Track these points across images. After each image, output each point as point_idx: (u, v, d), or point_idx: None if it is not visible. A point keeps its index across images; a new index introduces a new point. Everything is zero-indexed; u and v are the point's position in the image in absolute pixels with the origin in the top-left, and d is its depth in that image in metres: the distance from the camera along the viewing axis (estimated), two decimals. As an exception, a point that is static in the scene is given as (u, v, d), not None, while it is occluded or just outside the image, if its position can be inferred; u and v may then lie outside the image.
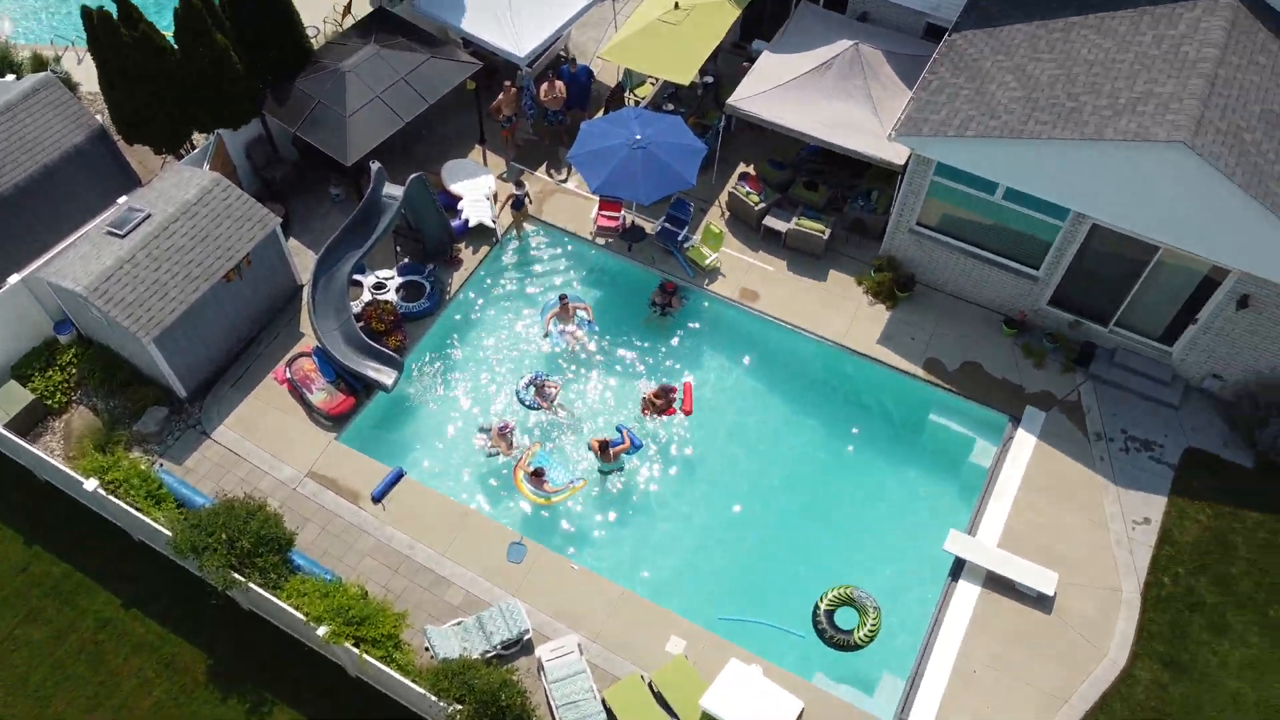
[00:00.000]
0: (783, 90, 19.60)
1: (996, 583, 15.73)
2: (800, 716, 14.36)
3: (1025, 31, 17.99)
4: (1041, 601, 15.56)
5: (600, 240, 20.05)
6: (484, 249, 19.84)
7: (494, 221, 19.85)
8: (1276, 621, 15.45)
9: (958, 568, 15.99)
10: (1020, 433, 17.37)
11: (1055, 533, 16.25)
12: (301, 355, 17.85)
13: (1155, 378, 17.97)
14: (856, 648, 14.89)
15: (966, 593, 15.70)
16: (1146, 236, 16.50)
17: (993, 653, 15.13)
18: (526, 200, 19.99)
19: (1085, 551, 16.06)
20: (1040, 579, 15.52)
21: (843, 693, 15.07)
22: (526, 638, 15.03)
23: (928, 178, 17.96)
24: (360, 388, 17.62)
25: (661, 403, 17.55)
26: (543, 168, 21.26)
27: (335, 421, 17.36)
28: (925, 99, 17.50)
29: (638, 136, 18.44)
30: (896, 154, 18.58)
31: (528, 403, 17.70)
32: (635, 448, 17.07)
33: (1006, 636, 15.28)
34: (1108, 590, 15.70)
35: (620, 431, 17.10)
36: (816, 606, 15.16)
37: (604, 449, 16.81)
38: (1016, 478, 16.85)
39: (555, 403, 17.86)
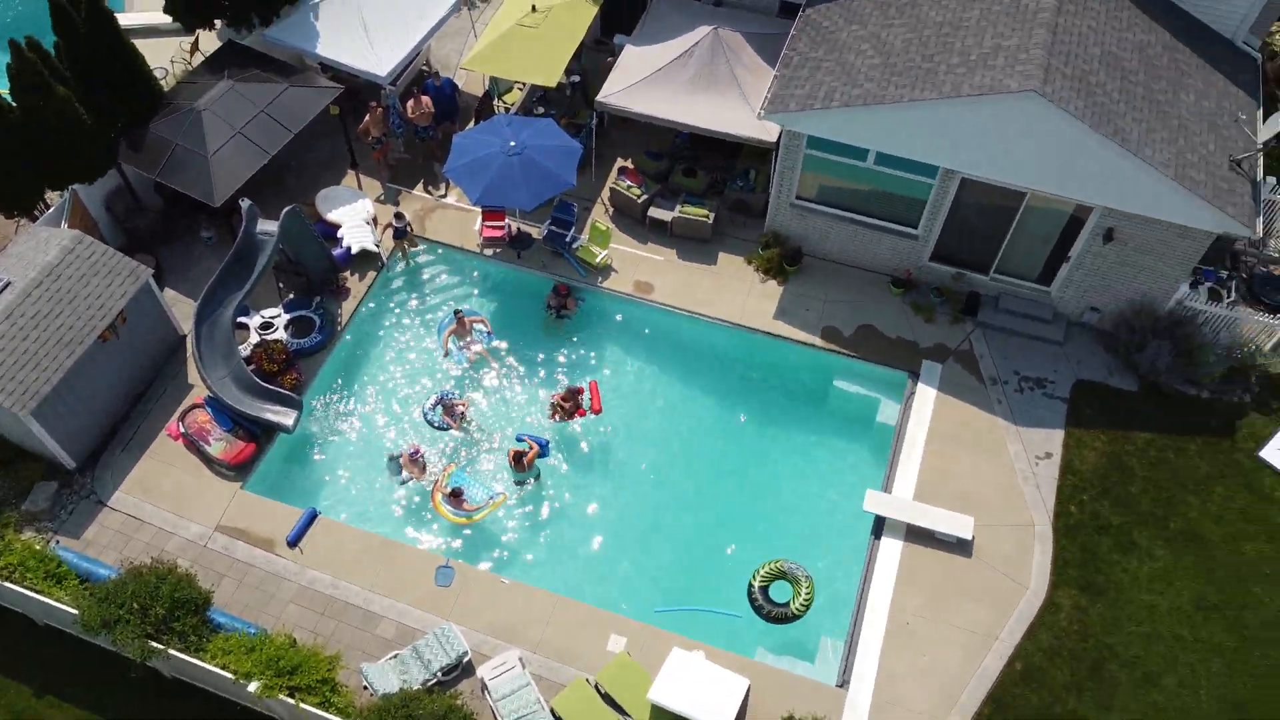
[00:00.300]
0: (650, 82, 19.72)
1: (917, 534, 16.18)
2: (747, 694, 14.54)
3: (876, 0, 18.47)
4: (961, 546, 16.06)
5: (488, 251, 19.88)
6: (371, 274, 19.46)
7: (377, 245, 19.49)
8: (1177, 532, 16.27)
9: (879, 525, 16.39)
10: (921, 387, 17.88)
11: (966, 478, 16.78)
12: (194, 407, 17.24)
13: (1038, 318, 18.71)
14: (794, 618, 15.14)
15: (890, 548, 16.11)
16: (1012, 184, 17.16)
17: (922, 602, 15.57)
18: (409, 229, 19.62)
19: (995, 492, 16.64)
20: (957, 525, 16.02)
21: (786, 664, 15.33)
22: (466, 660, 14.84)
23: (800, 152, 18.32)
24: (260, 432, 17.11)
25: (570, 405, 17.51)
26: (420, 185, 20.95)
27: (238, 470, 16.82)
28: (788, 75, 17.84)
29: (512, 143, 18.33)
30: (768, 132, 18.89)
31: (437, 424, 17.46)
32: (543, 447, 16.97)
33: (933, 585, 15.73)
34: (1021, 526, 16.30)
35: (523, 439, 16.97)
36: (750, 584, 15.35)
37: (517, 460, 16.70)
38: (923, 431, 17.35)
39: (465, 419, 17.66)
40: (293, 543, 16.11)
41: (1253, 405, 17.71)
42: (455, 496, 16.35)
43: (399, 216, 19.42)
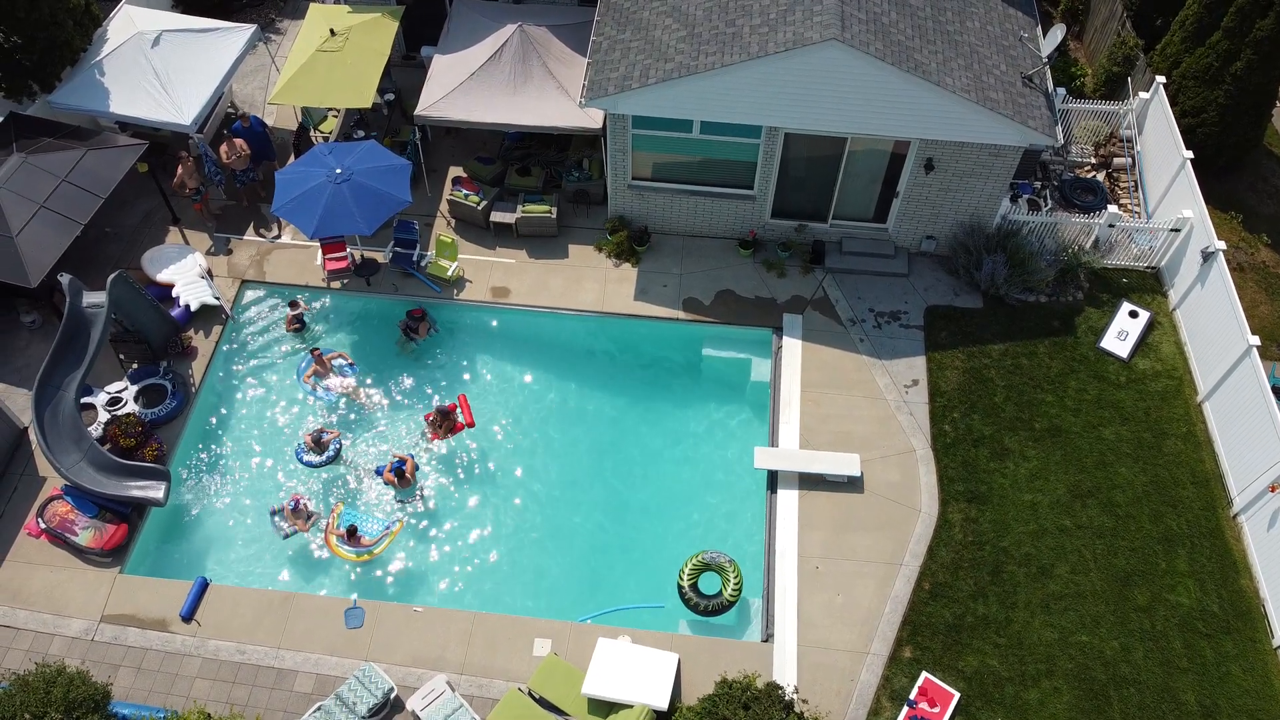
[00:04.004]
0: (465, 88, 19.56)
1: (809, 481, 16.65)
2: (679, 667, 14.71)
3: (671, -25, 18.82)
4: (852, 483, 16.63)
5: (335, 284, 19.35)
6: (216, 329, 18.67)
7: (217, 298, 18.71)
8: (1042, 431, 17.28)
9: (773, 479, 16.80)
10: (786, 340, 18.40)
11: (844, 418, 17.37)
12: (52, 499, 16.21)
13: (881, 254, 19.50)
14: (730, 606, 15.26)
15: (787, 499, 16.53)
16: (831, 131, 17.81)
17: (826, 544, 16.05)
18: (304, 308, 18.85)
19: (874, 426, 17.29)
20: (845, 464, 16.57)
21: (710, 631, 15.54)
22: (393, 695, 14.50)
23: (628, 133, 18.53)
24: (130, 511, 16.24)
25: (446, 423, 17.28)
26: (250, 230, 20.21)
27: (113, 555, 15.93)
28: (601, 60, 18.00)
29: (338, 170, 17.89)
30: (592, 119, 19.04)
31: (317, 462, 16.95)
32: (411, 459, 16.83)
33: (833, 525, 16.24)
34: (903, 453, 17.00)
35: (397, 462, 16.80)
36: (680, 584, 15.40)
37: (399, 475, 16.47)
38: (796, 381, 17.85)
39: (340, 449, 17.18)
40: (187, 617, 15.38)
41: (1086, 301, 18.95)
42: (351, 535, 15.92)
43: (294, 304, 18.66)
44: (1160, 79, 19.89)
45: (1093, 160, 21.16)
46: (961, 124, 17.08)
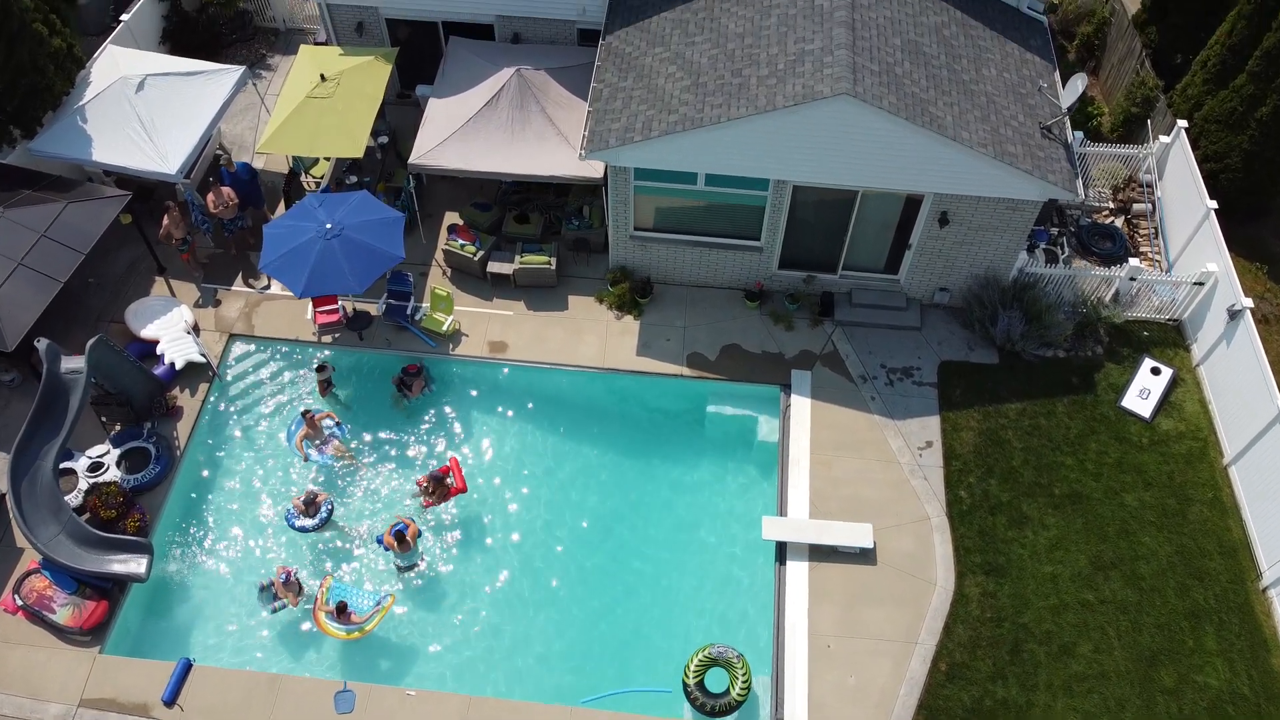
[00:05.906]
0: (462, 135, 18.89)
1: (820, 552, 15.95)
2: (684, 756, 14.05)
3: (672, 18, 18.15)
4: (865, 555, 15.93)
5: (326, 338, 18.67)
6: (202, 387, 17.99)
7: (203, 355, 18.02)
8: (1062, 497, 16.58)
9: (782, 550, 16.09)
10: (795, 398, 17.68)
11: (856, 483, 16.68)
12: (29, 574, 15.52)
13: (893, 307, 18.81)
14: (739, 705, 14.41)
15: (797, 571, 15.83)
16: (842, 186, 17.13)
17: (838, 621, 15.35)
18: (331, 369, 18.12)
19: (887, 492, 16.60)
20: (857, 535, 15.88)
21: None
22: (385, 791, 13.85)
23: (629, 184, 17.86)
24: (111, 587, 15.55)
25: (440, 489, 16.60)
26: (239, 280, 19.51)
27: (93, 634, 15.24)
28: (602, 109, 17.32)
29: (328, 225, 17.20)
30: (593, 169, 18.37)
31: (306, 528, 16.27)
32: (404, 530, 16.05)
33: (845, 600, 15.54)
34: (918, 521, 16.31)
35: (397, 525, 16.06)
36: (685, 683, 14.57)
37: (400, 540, 15.75)
38: (805, 443, 17.15)
39: (327, 511, 16.50)
40: (169, 701, 14.68)
41: (1106, 356, 18.26)
42: (341, 612, 15.22)
43: (321, 369, 17.93)
44: (1182, 123, 19.20)
45: (1111, 205, 20.47)
46: (978, 179, 16.42)
